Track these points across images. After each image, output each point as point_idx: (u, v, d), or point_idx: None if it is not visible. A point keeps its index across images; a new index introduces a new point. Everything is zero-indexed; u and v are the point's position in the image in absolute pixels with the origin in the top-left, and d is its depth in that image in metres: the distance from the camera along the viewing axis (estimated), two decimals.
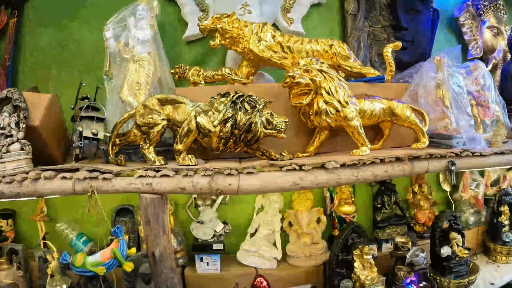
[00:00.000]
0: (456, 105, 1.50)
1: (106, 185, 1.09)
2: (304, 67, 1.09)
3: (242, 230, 1.83)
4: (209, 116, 1.07)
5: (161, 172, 1.03)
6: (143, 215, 1.09)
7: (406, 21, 1.93)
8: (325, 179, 1.06)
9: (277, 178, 1.02)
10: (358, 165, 1.09)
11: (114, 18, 1.61)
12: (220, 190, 1.00)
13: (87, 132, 1.18)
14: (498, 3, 2.34)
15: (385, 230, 1.91)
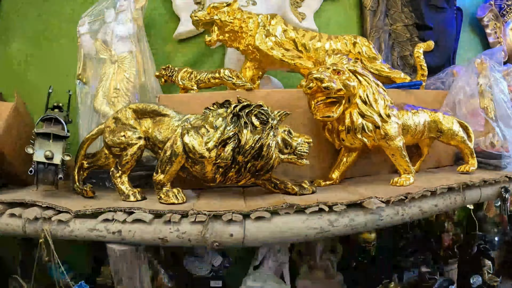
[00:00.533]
0: (501, 116, 1.18)
1: (62, 230, 0.74)
2: (334, 67, 0.76)
3: (245, 262, 1.48)
4: (202, 134, 0.73)
5: (134, 215, 0.69)
6: (113, 272, 0.74)
7: (430, 20, 1.61)
8: (363, 221, 0.72)
9: (298, 225, 0.68)
10: (406, 200, 0.76)
11: (90, 10, 1.26)
12: (217, 243, 0.65)
13: (40, 155, 0.83)
14: None
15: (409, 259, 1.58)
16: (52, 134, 0.86)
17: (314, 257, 1.47)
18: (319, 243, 1.47)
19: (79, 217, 0.74)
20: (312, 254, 1.48)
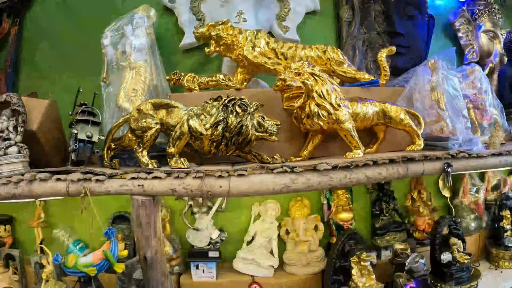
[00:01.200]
0: (451, 107, 1.51)
1: (99, 187, 1.10)
2: (295, 70, 1.11)
3: (239, 238, 1.82)
4: (201, 119, 1.09)
5: (152, 174, 1.04)
6: (135, 217, 1.09)
7: (402, 27, 1.96)
8: (317, 181, 1.06)
9: (268, 181, 1.03)
10: (351, 167, 1.10)
11: (111, 26, 1.66)
12: (210, 192, 1.00)
13: (82, 135, 1.20)
14: (493, 7, 2.37)
15: (384, 237, 1.89)
16: (91, 120, 1.23)
17: (299, 234, 1.80)
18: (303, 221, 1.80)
19: (112, 178, 1.10)
20: (297, 232, 1.81)
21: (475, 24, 2.34)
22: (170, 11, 1.79)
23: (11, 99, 1.42)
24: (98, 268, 1.13)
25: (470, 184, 2.20)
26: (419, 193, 2.07)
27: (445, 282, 1.79)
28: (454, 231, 1.88)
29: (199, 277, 1.70)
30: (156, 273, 1.15)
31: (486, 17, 2.34)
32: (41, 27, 2.13)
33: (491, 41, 2.30)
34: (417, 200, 2.07)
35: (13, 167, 1.35)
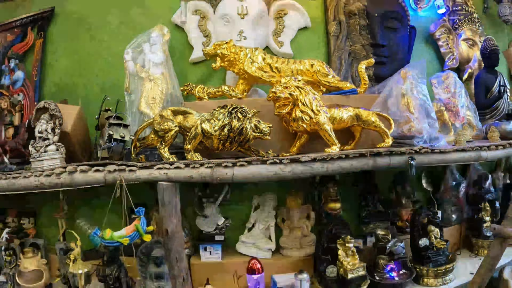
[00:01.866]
0: (419, 110, 1.91)
1: (131, 176, 1.52)
2: (284, 84, 1.53)
3: (241, 225, 2.23)
4: (211, 123, 1.51)
5: (174, 164, 1.46)
6: (160, 199, 1.50)
7: (384, 39, 2.37)
8: (300, 170, 1.47)
9: (263, 169, 1.44)
10: (327, 159, 1.50)
11: (132, 44, 2.09)
12: (219, 178, 1.42)
13: (116, 135, 1.62)
14: (473, 17, 2.77)
15: (369, 225, 2.29)
16: (122, 123, 1.65)
17: (293, 221, 2.20)
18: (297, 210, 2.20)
19: (142, 168, 1.52)
20: (291, 220, 2.21)
21: (456, 33, 2.73)
22: (181, 29, 2.23)
23: (49, 106, 1.87)
24: (130, 239, 1.54)
25: (451, 179, 2.59)
26: (402, 187, 2.47)
27: (423, 264, 2.17)
28: (432, 220, 2.27)
29: (207, 258, 2.11)
30: (175, 244, 1.56)
31: (466, 26, 2.74)
32: (63, 40, 2.59)
33: (471, 48, 2.70)
34: (400, 193, 2.46)
35: (52, 162, 1.80)
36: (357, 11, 2.33)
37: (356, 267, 1.96)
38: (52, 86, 2.55)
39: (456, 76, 2.34)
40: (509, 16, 2.88)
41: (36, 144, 1.84)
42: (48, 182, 1.66)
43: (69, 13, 2.58)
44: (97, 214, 2.35)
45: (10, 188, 1.78)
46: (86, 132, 2.19)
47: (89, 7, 2.53)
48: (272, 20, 2.22)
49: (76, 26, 2.56)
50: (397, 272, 2.09)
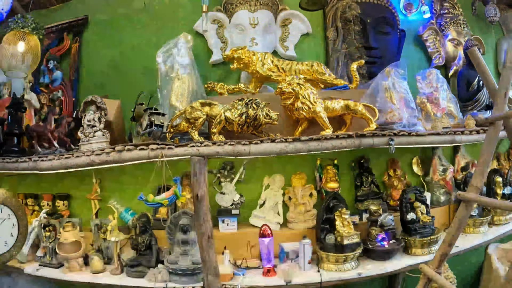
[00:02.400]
0: (400, 102, 2.53)
1: (170, 152, 2.17)
2: (288, 81, 2.17)
3: (254, 202, 2.86)
4: (232, 112, 2.16)
5: (205, 143, 2.11)
6: (192, 170, 2.14)
7: (375, 42, 3.00)
8: (300, 147, 2.11)
9: (272, 147, 2.08)
10: (321, 139, 2.14)
11: (162, 49, 2.76)
12: (239, 152, 2.06)
13: (157, 121, 2.28)
14: (458, 19, 3.39)
15: (364, 203, 2.90)
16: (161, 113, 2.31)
17: (298, 199, 2.82)
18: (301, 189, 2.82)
19: (178, 147, 2.16)
20: (296, 197, 2.83)
21: (443, 34, 3.36)
22: (202, 36, 2.90)
23: (96, 99, 2.54)
24: (169, 200, 2.19)
25: (439, 165, 3.19)
26: (394, 171, 3.08)
27: (410, 236, 2.77)
28: (419, 198, 2.88)
29: (225, 229, 2.74)
30: (203, 207, 2.20)
31: (452, 27, 3.36)
32: (96, 44, 3.28)
33: (456, 47, 3.32)
34: (393, 177, 3.08)
35: (100, 145, 2.46)
36: (352, 18, 2.97)
37: (351, 235, 2.58)
38: (88, 84, 3.24)
39: (438, 73, 2.96)
40: (494, 17, 3.50)
41: (85, 131, 2.51)
42: (99, 159, 2.32)
43: (101, 20, 3.29)
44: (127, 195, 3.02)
45: (63, 166, 2.45)
46: (122, 121, 2.87)
47: (118, 15, 3.23)
48: (278, 28, 2.88)
49: (107, 31, 3.27)
50: (387, 242, 2.70)
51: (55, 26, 3.35)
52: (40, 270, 2.78)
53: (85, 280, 2.60)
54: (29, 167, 2.58)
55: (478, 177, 2.03)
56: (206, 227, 2.21)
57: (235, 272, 2.45)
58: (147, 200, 2.24)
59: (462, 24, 3.39)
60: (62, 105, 3.18)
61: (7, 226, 2.80)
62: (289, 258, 2.60)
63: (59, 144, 2.79)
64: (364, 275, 2.48)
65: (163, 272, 2.44)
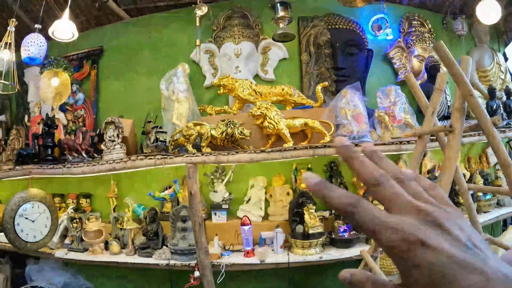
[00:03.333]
0: (354, 117, 3.71)
1: (171, 161, 3.46)
2: (258, 106, 3.40)
3: (241, 199, 4.11)
4: (216, 130, 3.42)
5: (195, 154, 3.39)
6: (187, 173, 3.42)
7: (344, 63, 4.17)
8: (266, 156, 3.35)
9: (245, 156, 3.33)
10: (282, 150, 3.37)
11: (165, 77, 4.05)
12: (220, 161, 3.33)
13: (161, 138, 3.58)
14: (424, 36, 4.49)
15: None
16: (163, 131, 3.61)
17: (277, 196, 4.05)
18: (279, 188, 4.05)
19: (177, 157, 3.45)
20: (275, 195, 4.06)
21: (409, 51, 4.47)
22: (197, 64, 4.17)
23: (114, 120, 3.87)
24: (170, 196, 3.49)
25: (405, 167, 4.33)
26: None
27: None
28: None
29: (216, 220, 4.01)
30: (195, 201, 3.48)
31: (418, 45, 4.46)
32: (111, 70, 4.64)
33: (421, 63, 4.42)
34: None
35: (118, 155, 3.79)
36: (323, 43, 4.16)
37: (316, 225, 3.78)
38: (106, 104, 4.60)
39: (398, 89, 4.08)
40: (462, 31, 4.59)
41: (106, 144, 3.85)
42: (119, 166, 3.65)
43: (114, 50, 4.64)
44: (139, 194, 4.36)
45: (91, 171, 3.79)
46: (135, 135, 4.20)
47: (129, 47, 4.57)
48: (260, 55, 4.11)
49: (119, 60, 4.61)
50: (348, 232, 3.89)
51: (75, 55, 4.72)
52: (68, 254, 4.15)
53: (106, 260, 3.95)
54: (64, 172, 3.95)
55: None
56: (198, 216, 3.49)
57: (222, 253, 3.72)
58: (154, 196, 3.55)
59: (428, 41, 4.49)
60: (85, 122, 4.55)
61: (42, 219, 4.22)
62: (266, 243, 3.85)
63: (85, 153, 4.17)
64: (325, 258, 3.66)
65: (166, 252, 3.74)
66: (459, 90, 2.45)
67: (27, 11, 4.64)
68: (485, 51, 4.93)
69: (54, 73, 3.94)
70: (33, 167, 4.11)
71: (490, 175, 4.57)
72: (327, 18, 4.28)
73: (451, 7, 4.78)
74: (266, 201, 4.13)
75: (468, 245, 0.48)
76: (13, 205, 4.05)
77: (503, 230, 4.55)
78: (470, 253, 0.47)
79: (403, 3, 4.69)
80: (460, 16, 4.61)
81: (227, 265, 3.54)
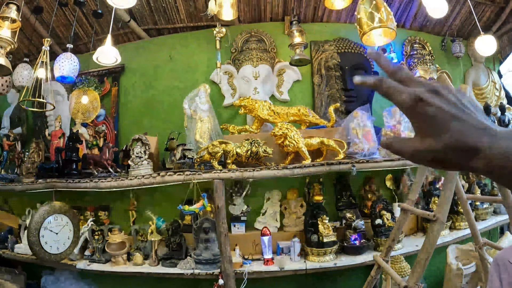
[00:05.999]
0: (366, 136, 4.25)
1: (199, 177, 3.93)
2: (279, 126, 3.90)
3: (257, 211, 4.59)
4: (241, 148, 3.91)
5: (222, 170, 3.87)
6: (214, 188, 3.89)
7: (352, 85, 4.71)
8: (288, 172, 3.86)
9: (268, 172, 3.83)
10: (302, 167, 3.88)
11: (188, 97, 4.52)
12: (246, 177, 3.82)
13: (189, 155, 4.04)
14: (425, 59, 5.09)
15: (343, 211, 4.61)
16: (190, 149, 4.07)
17: (291, 208, 4.54)
18: (294, 201, 4.54)
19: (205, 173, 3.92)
20: (290, 207, 4.55)
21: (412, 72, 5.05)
22: (216, 84, 4.66)
23: (141, 137, 4.34)
24: (199, 209, 3.94)
25: (408, 180, 4.88)
26: (369, 187, 4.78)
27: (378, 236, 4.48)
28: (385, 207, 4.58)
29: (236, 232, 4.47)
30: (221, 214, 3.94)
31: (419, 66, 5.05)
32: (132, 88, 5.09)
33: None
34: (368, 191, 4.78)
35: (145, 171, 4.25)
36: (333, 66, 4.70)
37: (330, 235, 4.30)
38: (126, 120, 5.04)
39: None
40: (459, 53, 5.20)
41: (134, 160, 4.29)
42: (148, 181, 4.10)
43: (135, 69, 5.10)
44: (158, 207, 4.80)
45: (120, 186, 4.23)
46: (158, 151, 4.65)
47: (149, 65, 5.03)
48: (275, 77, 4.62)
49: (140, 78, 5.07)
50: (359, 241, 4.41)
51: (96, 71, 5.15)
52: (90, 265, 4.55)
53: (130, 271, 4.37)
54: (91, 187, 4.37)
55: (414, 193, 3.73)
56: (223, 228, 3.96)
57: (244, 262, 4.19)
58: (184, 209, 4.01)
59: (428, 63, 5.09)
60: (106, 137, 4.97)
61: (65, 231, 4.63)
62: (283, 252, 4.33)
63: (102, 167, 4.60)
64: (339, 264, 4.18)
65: (190, 262, 4.19)
66: None
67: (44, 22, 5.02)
68: (481, 70, 5.57)
69: (84, 91, 4.37)
70: (57, 181, 4.52)
71: (487, 186, 5.16)
72: (336, 42, 4.84)
73: (449, 29, 5.39)
74: (280, 213, 4.62)
75: (456, 103, 0.71)
76: (38, 217, 4.43)
77: (501, 235, 5.15)
78: (457, 109, 0.70)
79: (406, 27, 5.28)
80: (457, 38, 5.23)
81: (249, 273, 4.01)
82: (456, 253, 4.95)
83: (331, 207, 4.66)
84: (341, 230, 4.52)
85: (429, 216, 3.27)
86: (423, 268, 2.95)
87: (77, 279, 5.15)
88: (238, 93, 4.61)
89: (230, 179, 3.87)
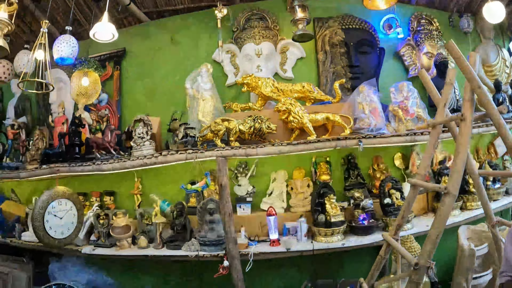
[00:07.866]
0: (370, 112, 4.11)
1: (201, 155, 3.84)
2: (283, 102, 3.79)
3: (263, 192, 4.49)
4: (244, 125, 3.80)
5: (225, 148, 3.77)
6: (217, 166, 3.79)
7: (357, 61, 4.58)
8: (292, 149, 3.74)
9: (273, 149, 3.72)
10: (307, 142, 3.76)
11: (189, 77, 4.43)
12: (249, 154, 3.71)
13: (191, 133, 3.95)
14: (432, 34, 4.92)
15: (350, 191, 4.48)
16: (192, 127, 3.98)
17: (298, 189, 4.43)
18: (300, 181, 4.42)
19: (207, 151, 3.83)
20: (296, 187, 4.44)
21: (419, 48, 4.90)
22: (219, 64, 4.57)
23: (143, 118, 4.25)
24: (202, 187, 3.85)
25: (417, 159, 4.73)
26: (378, 165, 4.65)
27: (387, 216, 4.34)
28: (394, 186, 4.44)
29: (241, 213, 4.37)
30: (225, 192, 3.84)
31: (426, 42, 4.89)
32: (134, 71, 5.02)
33: (430, 59, 4.84)
34: (376, 170, 4.64)
35: (148, 151, 4.16)
36: (338, 43, 4.57)
37: (337, 214, 4.17)
38: (129, 103, 4.97)
39: (410, 84, 4.50)
40: (467, 28, 5.03)
41: (136, 141, 4.21)
42: (150, 161, 4.01)
43: (136, 52, 5.02)
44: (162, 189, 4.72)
45: (122, 167, 4.15)
46: (161, 132, 4.57)
47: (151, 47, 4.95)
48: (278, 54, 4.51)
49: (142, 60, 4.99)
50: (368, 220, 4.28)
51: (98, 56, 5.08)
52: (96, 250, 4.47)
53: (134, 254, 4.28)
54: (93, 169, 4.29)
55: (422, 167, 3.58)
56: (228, 207, 3.85)
57: (249, 243, 4.08)
58: (187, 188, 3.93)
59: (436, 39, 4.92)
60: (108, 121, 4.90)
61: (70, 215, 4.56)
62: (290, 233, 4.22)
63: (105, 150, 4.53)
64: (346, 245, 4.04)
65: (195, 244, 4.10)
66: (468, 83, 2.89)
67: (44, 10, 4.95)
68: (491, 47, 5.39)
69: (84, 73, 4.30)
70: (60, 165, 4.44)
71: (498, 165, 4.98)
72: (341, 18, 4.72)
73: (457, 5, 5.22)
74: (287, 193, 4.50)
75: None
76: (42, 202, 4.34)
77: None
78: None
79: (412, 3, 5.12)
80: (465, 14, 5.06)
81: (255, 254, 3.89)
82: (467, 234, 4.78)
83: (339, 187, 4.54)
84: (349, 210, 4.39)
85: (440, 189, 3.14)
86: (435, 245, 2.79)
87: (84, 265, 5.08)
88: (241, 72, 4.52)
89: (233, 156, 3.76)
